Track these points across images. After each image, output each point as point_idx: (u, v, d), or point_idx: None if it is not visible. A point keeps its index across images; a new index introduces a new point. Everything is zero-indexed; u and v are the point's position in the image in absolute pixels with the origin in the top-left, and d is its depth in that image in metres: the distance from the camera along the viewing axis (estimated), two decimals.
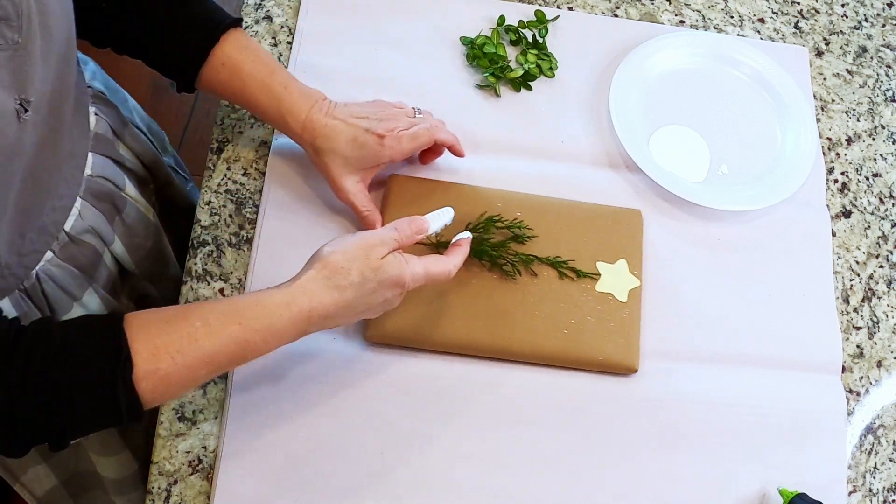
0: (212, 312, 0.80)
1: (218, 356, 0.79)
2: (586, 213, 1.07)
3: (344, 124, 0.99)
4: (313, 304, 0.82)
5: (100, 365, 0.74)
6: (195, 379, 0.80)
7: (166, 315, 0.80)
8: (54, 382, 0.73)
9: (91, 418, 0.76)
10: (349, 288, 0.83)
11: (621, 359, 1.00)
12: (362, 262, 0.83)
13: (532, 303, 1.01)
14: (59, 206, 0.92)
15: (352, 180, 1.01)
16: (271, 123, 1.02)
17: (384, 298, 0.86)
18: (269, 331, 0.81)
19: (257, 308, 0.80)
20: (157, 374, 0.76)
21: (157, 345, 0.76)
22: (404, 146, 1.00)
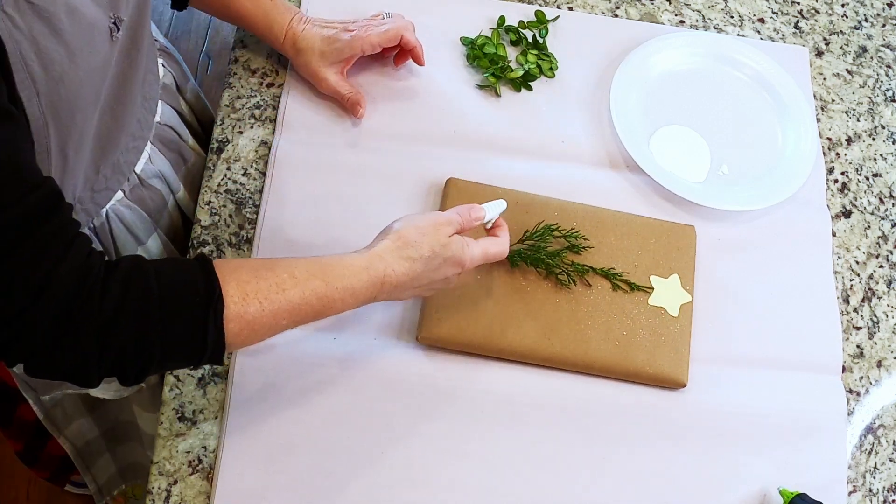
0: (297, 266, 0.83)
1: (301, 307, 0.82)
2: (641, 226, 1.08)
3: (319, 28, 1.10)
4: (387, 272, 0.86)
5: (194, 300, 0.77)
6: (277, 327, 0.83)
7: (255, 264, 0.84)
8: (148, 312, 0.75)
9: (177, 351, 0.78)
10: (419, 260, 0.87)
11: (671, 373, 1.01)
12: (432, 238, 0.88)
13: (585, 313, 1.02)
14: (133, 146, 0.98)
15: (331, 72, 1.11)
16: (255, 31, 1.12)
17: (445, 276, 0.90)
18: (349, 290, 0.85)
19: (340, 267, 0.85)
20: (244, 317, 0.79)
21: (246, 290, 0.80)
22: (373, 38, 1.09)
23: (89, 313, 0.73)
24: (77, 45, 0.75)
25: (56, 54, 0.73)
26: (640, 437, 1.00)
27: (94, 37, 0.78)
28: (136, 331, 0.75)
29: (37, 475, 1.54)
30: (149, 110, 1.01)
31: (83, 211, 0.93)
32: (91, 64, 0.78)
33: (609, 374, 1.01)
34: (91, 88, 0.80)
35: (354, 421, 0.97)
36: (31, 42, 0.71)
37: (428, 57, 1.17)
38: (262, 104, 1.14)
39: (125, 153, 0.96)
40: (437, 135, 1.13)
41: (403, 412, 0.98)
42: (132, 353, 0.75)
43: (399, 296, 0.90)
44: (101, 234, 0.98)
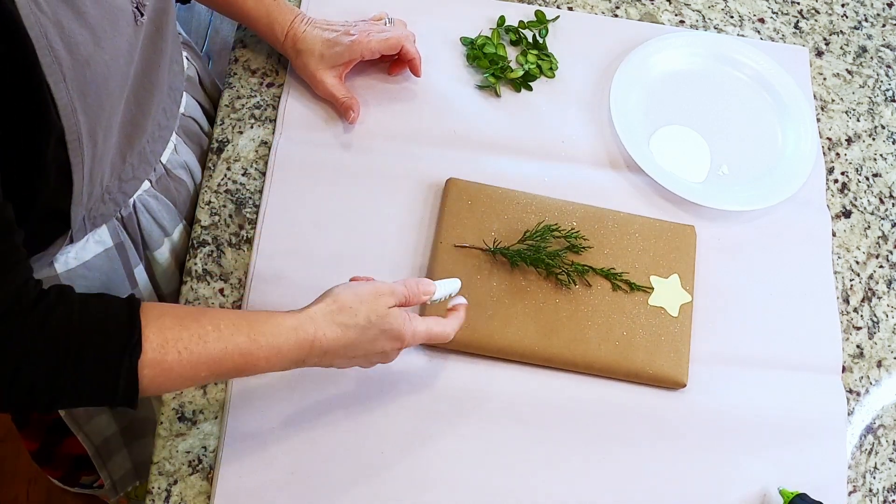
0: (224, 319, 0.82)
1: (222, 361, 0.81)
2: (641, 226, 1.08)
3: (320, 30, 1.10)
4: (317, 335, 0.84)
5: (110, 342, 0.76)
6: (195, 378, 0.81)
7: (181, 312, 0.82)
8: (63, 349, 0.74)
9: (87, 391, 0.77)
10: (353, 328, 0.85)
11: (671, 373, 1.01)
12: (369, 307, 0.85)
13: (585, 313, 1.02)
14: (159, 135, 0.98)
15: (329, 74, 1.11)
16: (256, 29, 1.12)
17: (382, 349, 0.88)
18: (273, 349, 0.82)
19: (267, 325, 0.83)
20: (161, 364, 0.78)
21: (167, 337, 0.78)
22: (373, 45, 1.10)
23: (9, 336, 0.72)
24: (101, 28, 0.76)
25: (81, 37, 0.73)
26: (640, 437, 1.00)
27: (119, 20, 0.78)
28: (48, 365, 0.74)
29: (49, 474, 1.55)
30: (174, 100, 1.01)
31: (111, 200, 0.94)
32: (117, 48, 0.79)
33: (609, 375, 1.01)
34: (118, 73, 0.81)
35: (354, 421, 0.97)
36: (55, 25, 0.71)
37: (428, 57, 1.17)
38: (262, 104, 1.14)
39: (151, 142, 0.97)
40: (437, 135, 1.13)
41: (403, 412, 0.98)
42: (42, 387, 0.75)
43: (331, 362, 0.87)
44: (129, 224, 0.99)
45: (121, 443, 1.32)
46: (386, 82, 1.16)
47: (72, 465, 1.43)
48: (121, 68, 0.81)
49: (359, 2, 1.20)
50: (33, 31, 0.69)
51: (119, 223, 0.97)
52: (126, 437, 1.32)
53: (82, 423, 1.23)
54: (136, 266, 1.03)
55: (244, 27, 1.19)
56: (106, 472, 1.36)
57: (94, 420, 1.24)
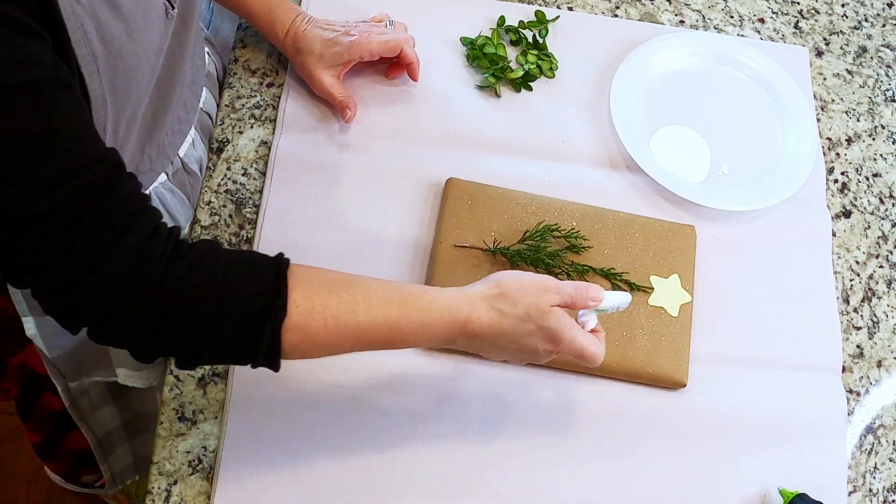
0: (375, 289, 0.80)
1: (369, 333, 0.79)
2: (641, 226, 1.08)
3: (321, 29, 1.10)
4: (471, 317, 0.81)
5: (255, 301, 0.75)
6: (339, 347, 0.80)
7: (331, 277, 0.80)
8: (209, 299, 0.74)
9: (228, 348, 0.76)
10: (510, 318, 0.81)
11: (671, 373, 1.01)
12: (532, 300, 0.82)
13: None
14: (178, 128, 0.99)
15: (327, 74, 1.10)
16: (257, 25, 1.13)
17: (534, 347, 0.83)
18: (424, 325, 0.80)
19: (421, 300, 0.80)
20: (305, 330, 0.76)
21: (314, 303, 0.76)
22: (373, 47, 1.10)
23: (146, 293, 0.72)
24: (135, 21, 0.76)
25: (115, 30, 0.74)
26: (640, 437, 1.00)
27: (151, 13, 0.79)
28: (191, 319, 0.74)
29: (50, 469, 1.55)
30: (194, 94, 1.02)
31: None
32: (148, 41, 0.79)
33: (609, 375, 1.01)
34: (148, 66, 0.81)
35: (354, 421, 0.97)
36: (91, 17, 0.71)
37: (428, 57, 1.17)
38: (262, 104, 1.14)
39: (170, 135, 0.97)
40: (437, 135, 1.13)
41: (403, 412, 0.98)
42: (184, 340, 0.74)
43: (480, 349, 0.84)
44: None
45: (123, 436, 1.33)
46: (386, 83, 1.16)
47: (74, 460, 1.44)
48: (150, 61, 0.81)
49: (360, 2, 1.20)
50: (70, 22, 0.69)
51: None
52: (129, 431, 1.33)
53: (87, 415, 1.24)
54: None
55: (244, 27, 1.19)
56: (106, 465, 1.37)
57: (99, 412, 1.25)
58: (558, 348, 0.84)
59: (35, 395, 1.25)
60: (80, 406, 1.22)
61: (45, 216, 0.68)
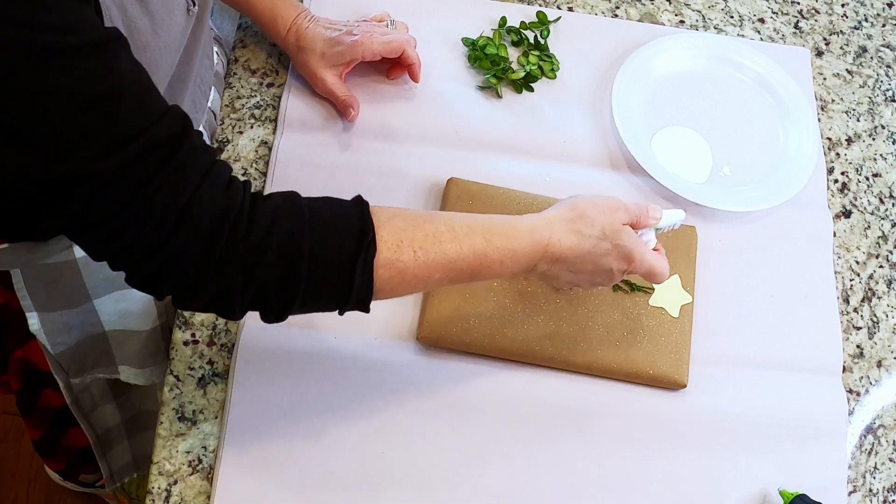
0: (458, 220, 0.81)
1: (457, 262, 0.79)
2: None
3: (323, 28, 1.10)
4: (552, 240, 0.82)
5: (345, 241, 0.75)
6: (429, 280, 0.80)
7: (413, 213, 0.81)
8: (296, 247, 0.73)
9: (322, 291, 0.76)
10: (588, 238, 0.83)
11: (671, 373, 1.01)
12: (606, 219, 0.84)
13: (585, 313, 1.02)
14: None
15: (329, 73, 1.10)
16: (259, 22, 1.12)
17: (609, 267, 0.85)
18: (509, 251, 0.81)
19: (503, 226, 0.82)
20: (396, 265, 0.77)
21: (401, 237, 0.77)
22: (375, 47, 1.09)
23: (234, 243, 0.72)
24: (160, 16, 0.76)
25: (141, 23, 0.74)
26: (640, 438, 1.00)
27: (174, 9, 0.79)
28: (282, 265, 0.73)
29: (49, 466, 1.56)
30: (203, 93, 1.03)
31: None
32: (170, 36, 0.79)
33: (609, 375, 1.01)
34: (167, 61, 0.81)
35: (354, 421, 0.97)
36: (119, 9, 0.72)
37: (429, 58, 1.17)
38: (262, 104, 1.14)
39: None
40: (438, 135, 1.13)
41: (403, 412, 0.98)
42: (276, 288, 0.74)
43: (558, 274, 0.85)
44: None
45: (123, 434, 1.33)
46: (387, 83, 1.16)
47: (74, 458, 1.44)
48: (170, 57, 0.82)
49: (363, 1, 1.20)
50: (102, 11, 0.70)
51: None
52: (129, 429, 1.33)
53: (87, 412, 1.24)
54: None
55: (244, 27, 1.19)
56: (105, 463, 1.37)
57: (100, 410, 1.25)
58: (631, 266, 0.86)
59: (36, 391, 1.25)
60: (81, 403, 1.22)
61: (120, 174, 0.67)
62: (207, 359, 0.99)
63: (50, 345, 1.08)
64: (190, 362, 0.99)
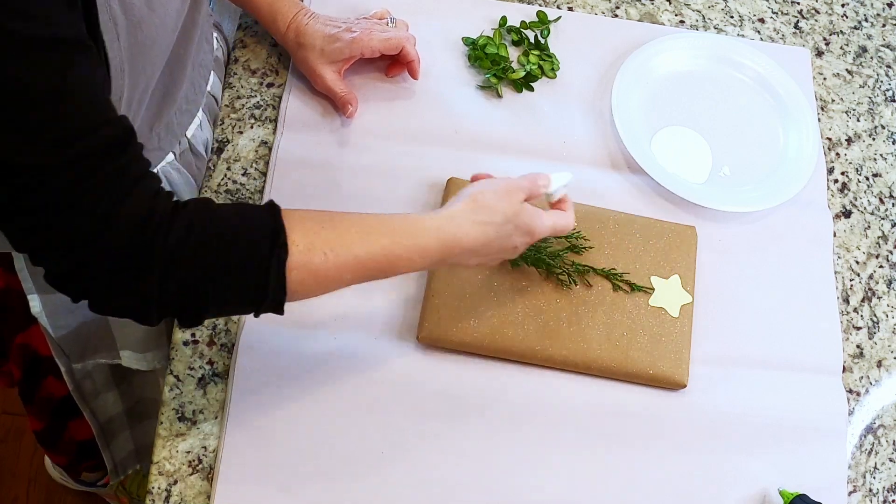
0: (367, 222, 0.84)
1: (366, 262, 0.82)
2: (642, 227, 1.08)
3: (322, 25, 1.10)
4: (459, 235, 0.85)
5: (258, 244, 0.77)
6: (340, 280, 0.82)
7: (322, 216, 0.83)
8: (212, 251, 0.75)
9: (237, 294, 0.78)
10: (492, 225, 0.87)
11: (671, 373, 1.01)
12: (506, 203, 0.87)
13: (585, 313, 1.02)
14: (186, 108, 1.00)
15: (328, 70, 1.10)
16: (259, 18, 1.13)
17: (514, 245, 0.89)
18: (417, 249, 0.84)
19: (411, 226, 0.84)
20: (308, 266, 0.79)
21: (312, 240, 0.79)
22: (374, 44, 1.10)
23: (153, 247, 0.73)
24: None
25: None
26: (640, 438, 1.00)
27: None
28: (198, 268, 0.75)
29: (53, 460, 1.56)
30: (202, 76, 1.03)
31: None
32: (166, 14, 0.80)
33: (609, 375, 1.01)
34: (163, 39, 0.82)
35: (354, 421, 0.97)
36: None
37: (429, 57, 1.17)
38: (262, 104, 1.14)
39: (179, 115, 0.98)
40: (438, 135, 1.13)
41: (403, 412, 0.98)
42: (192, 291, 0.75)
43: (466, 262, 0.89)
44: None
45: (125, 423, 1.34)
46: (387, 81, 1.16)
47: (76, 452, 1.44)
48: (166, 35, 0.82)
49: (359, 9, 1.19)
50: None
51: None
52: (131, 418, 1.33)
53: (90, 399, 1.24)
54: None
55: (244, 27, 1.19)
56: (108, 453, 1.38)
57: (102, 397, 1.25)
58: (535, 237, 0.90)
59: (37, 379, 1.26)
60: (83, 389, 1.22)
61: (58, 170, 0.69)
62: (207, 359, 0.99)
63: (51, 328, 1.09)
64: (190, 362, 0.99)
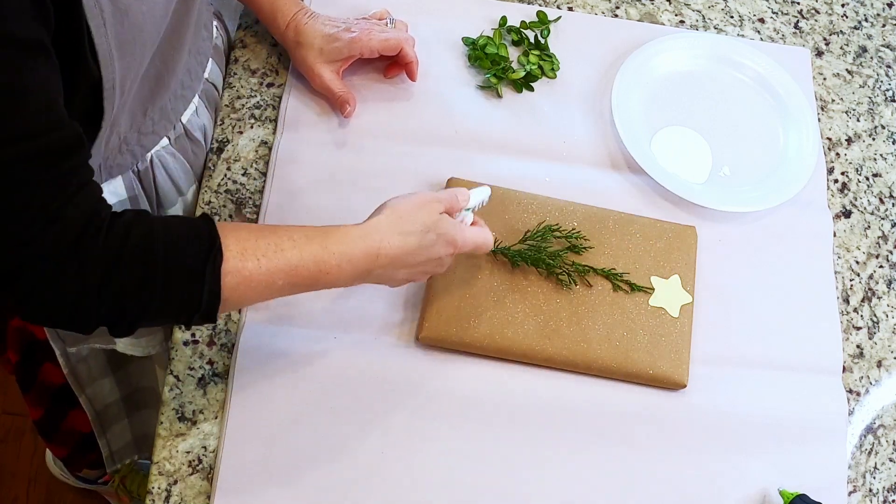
0: (296, 231, 0.86)
1: (298, 269, 0.84)
2: (642, 227, 1.08)
3: (322, 24, 1.11)
4: (382, 244, 0.87)
5: (193, 251, 0.78)
6: (273, 287, 0.84)
7: (255, 226, 0.87)
8: (149, 256, 0.76)
9: (172, 302, 0.79)
10: (413, 234, 0.88)
11: (671, 373, 1.01)
12: (425, 213, 0.89)
13: (585, 313, 1.02)
14: (181, 94, 1.00)
15: (327, 69, 1.11)
16: (260, 17, 1.14)
17: (438, 255, 0.90)
18: (345, 256, 0.85)
19: (338, 234, 0.86)
20: (242, 272, 0.81)
21: (245, 246, 0.81)
22: (373, 44, 1.10)
23: (93, 251, 0.74)
24: None
25: None
26: (640, 438, 1.00)
27: None
28: (137, 273, 0.76)
29: (53, 452, 1.56)
30: (199, 63, 1.04)
31: (128, 152, 0.96)
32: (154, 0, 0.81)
33: (609, 375, 1.01)
34: (153, 25, 0.83)
35: (355, 421, 0.97)
36: None
37: (429, 58, 1.17)
38: (262, 104, 1.14)
39: (173, 100, 0.98)
40: (438, 135, 1.13)
41: (403, 412, 0.98)
42: (131, 296, 0.76)
43: (393, 275, 0.90)
44: (145, 178, 1.00)
45: (122, 412, 1.33)
46: (386, 82, 1.16)
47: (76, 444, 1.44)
48: (156, 21, 0.83)
49: (359, 8, 1.19)
50: None
51: (135, 176, 0.99)
52: (128, 407, 1.33)
53: (85, 385, 1.24)
54: None
55: (244, 27, 1.19)
56: (105, 441, 1.38)
57: (98, 384, 1.25)
58: (457, 248, 0.91)
59: (35, 364, 1.26)
60: (79, 375, 1.22)
61: (6, 168, 0.69)
62: (207, 359, 0.99)
63: None
64: (190, 362, 0.99)
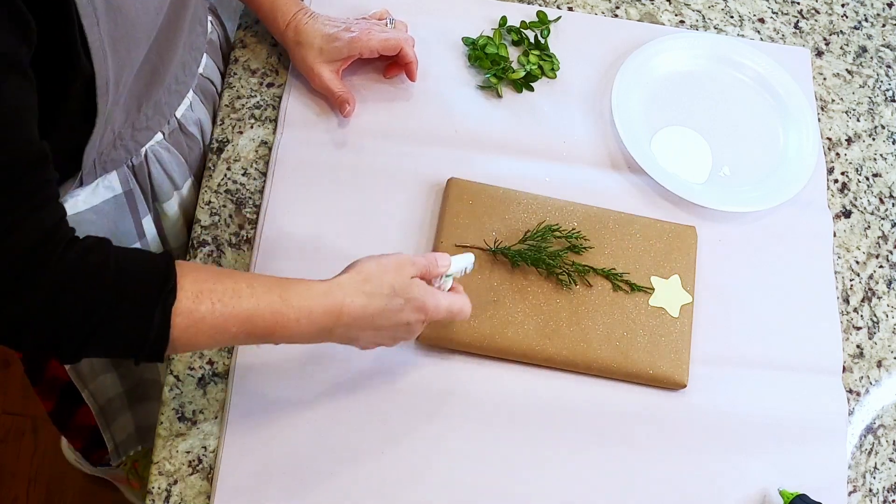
0: (257, 279, 0.84)
1: (253, 318, 0.81)
2: (642, 227, 1.08)
3: (321, 24, 1.11)
4: (345, 302, 0.84)
5: (146, 286, 0.77)
6: (226, 333, 0.81)
7: (216, 269, 0.84)
8: (101, 285, 0.75)
9: (119, 335, 0.77)
10: (379, 297, 0.85)
11: (671, 373, 1.01)
12: (394, 276, 0.86)
13: (585, 313, 1.02)
14: (175, 89, 1.00)
15: (327, 69, 1.11)
16: (260, 16, 1.14)
17: (406, 321, 0.87)
18: (304, 311, 0.83)
19: (300, 287, 0.84)
20: (194, 314, 0.79)
21: (202, 288, 0.79)
22: (373, 44, 1.10)
23: (44, 269, 0.73)
24: None
25: None
26: (640, 438, 1.00)
27: None
28: (84, 300, 0.75)
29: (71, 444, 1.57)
30: (194, 58, 1.03)
31: (122, 147, 0.95)
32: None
33: (609, 375, 1.01)
34: (147, 21, 0.82)
35: (354, 421, 0.97)
36: None
37: (429, 58, 1.17)
38: (262, 104, 1.14)
39: (168, 95, 0.99)
40: (438, 135, 1.13)
41: (403, 412, 0.98)
42: (74, 323, 0.75)
43: (357, 336, 0.87)
44: (139, 173, 1.00)
45: (125, 404, 1.34)
46: (386, 82, 1.16)
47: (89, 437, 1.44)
48: (150, 17, 0.83)
49: (359, 8, 1.19)
50: None
51: (129, 171, 0.99)
52: (130, 399, 1.34)
53: (88, 380, 1.25)
54: (145, 216, 1.05)
55: (244, 27, 1.19)
56: (109, 434, 1.38)
57: (100, 378, 1.25)
58: (428, 316, 0.88)
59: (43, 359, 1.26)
60: (80, 370, 1.22)
61: None
62: (207, 359, 0.99)
63: None
64: (190, 362, 0.99)
